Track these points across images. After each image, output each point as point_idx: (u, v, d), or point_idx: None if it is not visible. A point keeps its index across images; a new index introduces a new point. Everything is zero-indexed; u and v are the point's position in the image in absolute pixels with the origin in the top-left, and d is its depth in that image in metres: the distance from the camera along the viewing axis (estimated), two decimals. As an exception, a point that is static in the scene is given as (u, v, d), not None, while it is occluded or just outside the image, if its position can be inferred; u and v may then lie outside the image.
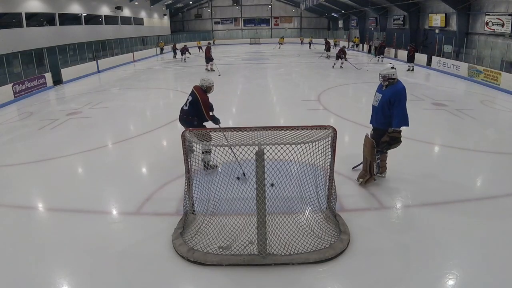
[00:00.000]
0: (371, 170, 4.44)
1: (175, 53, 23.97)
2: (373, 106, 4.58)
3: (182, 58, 21.75)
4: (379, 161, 4.61)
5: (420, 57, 18.02)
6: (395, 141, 4.41)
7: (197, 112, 4.92)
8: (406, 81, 13.28)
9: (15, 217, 4.13)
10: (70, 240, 3.59)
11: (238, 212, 3.60)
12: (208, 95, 5.06)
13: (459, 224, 3.76)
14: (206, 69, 16.23)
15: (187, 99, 5.07)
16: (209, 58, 16.05)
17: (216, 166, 4.48)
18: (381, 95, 4.42)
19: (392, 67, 4.36)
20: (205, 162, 4.52)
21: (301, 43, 37.10)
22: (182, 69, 18.21)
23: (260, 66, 18.02)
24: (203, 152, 4.57)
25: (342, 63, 16.91)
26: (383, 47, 20.10)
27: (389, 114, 4.31)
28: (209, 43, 17.61)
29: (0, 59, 12.43)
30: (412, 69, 16.00)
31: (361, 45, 27.97)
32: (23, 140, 7.17)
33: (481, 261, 3.17)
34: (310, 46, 31.81)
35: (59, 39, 18.96)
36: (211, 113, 5.03)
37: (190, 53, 23.03)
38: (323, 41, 26.49)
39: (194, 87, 5.07)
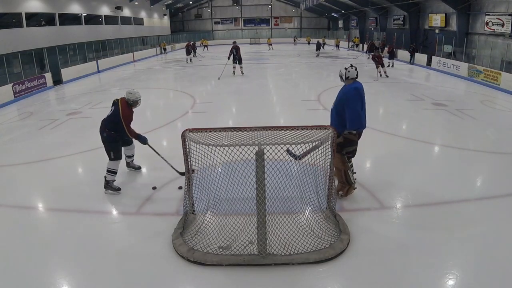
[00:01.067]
0: (348, 179, 4.13)
1: (193, 53, 22.81)
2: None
3: (187, 59, 20.92)
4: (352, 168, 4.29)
5: (420, 57, 18.02)
6: (349, 144, 4.04)
7: (115, 126, 4.55)
8: (407, 81, 13.33)
9: (15, 217, 4.14)
10: (70, 240, 3.59)
11: (238, 212, 3.60)
12: (133, 109, 4.72)
13: (459, 224, 3.76)
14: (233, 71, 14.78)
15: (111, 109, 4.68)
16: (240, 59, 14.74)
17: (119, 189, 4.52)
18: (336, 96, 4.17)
19: (346, 68, 4.07)
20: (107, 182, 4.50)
21: (308, 43, 34.98)
22: (182, 69, 18.21)
23: (260, 66, 18.02)
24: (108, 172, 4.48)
25: (384, 71, 13.80)
26: (391, 49, 17.49)
27: (344, 116, 3.98)
28: (234, 42, 15.41)
29: (0, 59, 12.43)
30: (392, 65, 16.35)
31: (361, 45, 27.80)
32: (23, 140, 7.16)
33: (481, 261, 3.17)
34: (322, 47, 28.57)
35: (59, 39, 18.95)
36: (134, 130, 4.69)
37: (195, 53, 22.49)
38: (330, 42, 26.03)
39: (120, 99, 4.69)
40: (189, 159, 3.48)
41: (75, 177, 5.32)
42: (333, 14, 35.35)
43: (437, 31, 19.40)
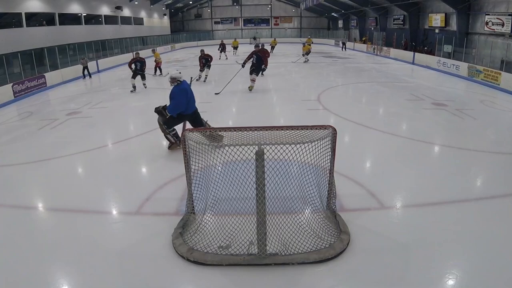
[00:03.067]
0: (169, 139, 5.92)
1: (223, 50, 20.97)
2: None
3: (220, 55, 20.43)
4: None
5: (420, 57, 18.03)
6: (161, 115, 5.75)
7: None
8: (407, 81, 13.33)
9: (15, 217, 4.13)
10: (70, 240, 3.59)
11: (238, 212, 3.60)
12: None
13: (459, 224, 3.76)
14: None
15: None
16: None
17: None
18: None
19: (178, 71, 5.62)
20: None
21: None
22: (182, 69, 18.16)
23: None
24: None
25: None
26: None
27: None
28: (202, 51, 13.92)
29: (0, 59, 12.43)
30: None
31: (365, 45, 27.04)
32: (23, 140, 7.16)
33: (481, 261, 3.17)
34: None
35: (59, 39, 18.96)
36: None
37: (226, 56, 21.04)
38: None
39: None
40: (189, 159, 3.48)
41: (75, 177, 5.32)
42: (333, 14, 35.37)
43: (437, 31, 19.42)
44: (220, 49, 21.17)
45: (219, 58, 20.35)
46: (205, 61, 13.10)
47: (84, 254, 3.35)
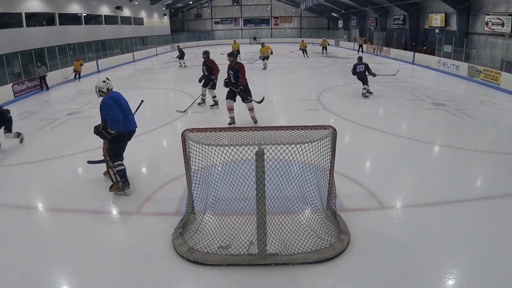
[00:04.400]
0: (110, 177, 4.60)
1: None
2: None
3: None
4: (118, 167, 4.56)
5: (420, 57, 18.03)
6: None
7: None
8: (407, 81, 13.32)
9: (15, 217, 4.14)
10: (70, 240, 3.59)
11: (238, 212, 3.60)
12: None
13: (459, 224, 3.76)
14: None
15: None
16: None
17: None
18: None
19: (104, 81, 4.57)
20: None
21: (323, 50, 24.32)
22: (182, 69, 18.20)
23: (260, 66, 17.98)
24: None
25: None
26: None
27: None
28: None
29: (0, 59, 12.43)
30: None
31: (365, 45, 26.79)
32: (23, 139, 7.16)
33: (481, 261, 3.17)
34: (360, 50, 24.42)
35: (59, 39, 18.96)
36: None
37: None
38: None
39: None
40: (189, 159, 3.48)
41: (75, 177, 5.32)
42: (333, 14, 35.38)
43: (437, 31, 19.42)
44: (178, 56, 18.75)
45: (179, 66, 18.59)
46: (206, 69, 8.79)
47: (84, 254, 3.35)
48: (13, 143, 6.98)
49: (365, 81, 9.95)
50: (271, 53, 16.43)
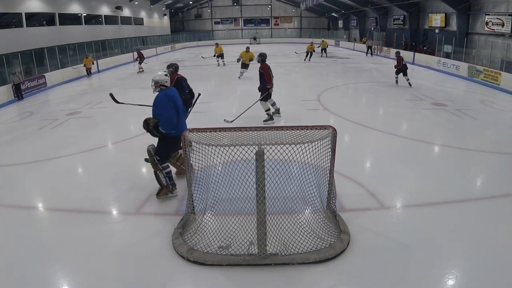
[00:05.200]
0: (159, 181, 4.33)
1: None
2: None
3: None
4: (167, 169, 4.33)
5: (420, 57, 18.03)
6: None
7: None
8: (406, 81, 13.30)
9: (15, 217, 4.14)
10: (70, 240, 3.59)
11: (238, 212, 3.60)
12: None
13: (459, 224, 3.76)
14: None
15: None
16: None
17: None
18: None
19: (166, 74, 4.32)
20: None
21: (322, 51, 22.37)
22: (182, 69, 18.16)
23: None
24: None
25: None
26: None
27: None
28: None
29: (0, 59, 12.43)
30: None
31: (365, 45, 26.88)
32: (23, 140, 7.17)
33: (481, 261, 3.17)
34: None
35: (59, 39, 18.97)
36: None
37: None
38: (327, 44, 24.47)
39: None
40: (189, 159, 3.48)
41: (75, 177, 5.32)
42: (333, 14, 35.38)
43: (437, 31, 19.42)
44: (137, 59, 17.18)
45: (138, 72, 16.99)
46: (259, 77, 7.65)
47: (84, 254, 3.35)
48: (13, 143, 6.98)
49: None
50: (251, 60, 13.06)
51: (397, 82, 12.27)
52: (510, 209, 4.05)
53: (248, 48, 13.88)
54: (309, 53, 19.82)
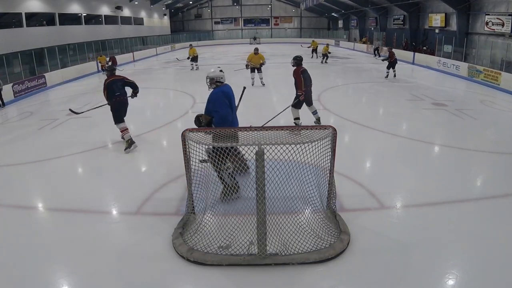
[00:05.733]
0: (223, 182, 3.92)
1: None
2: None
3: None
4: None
5: (420, 57, 18.03)
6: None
7: None
8: (407, 81, 13.32)
9: (15, 217, 4.13)
10: (70, 240, 3.59)
11: (238, 212, 3.60)
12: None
13: (459, 224, 3.76)
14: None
15: None
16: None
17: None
18: None
19: (221, 70, 4.25)
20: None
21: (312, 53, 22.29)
22: (182, 69, 18.21)
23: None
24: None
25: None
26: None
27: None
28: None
29: (0, 59, 12.43)
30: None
31: (365, 45, 27.06)
32: (23, 140, 7.16)
33: (481, 261, 3.17)
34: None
35: (59, 39, 18.97)
36: None
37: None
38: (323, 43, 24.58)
39: None
40: (189, 159, 3.48)
41: (75, 177, 5.32)
42: (333, 14, 35.38)
43: (437, 31, 19.42)
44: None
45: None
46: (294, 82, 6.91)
47: (84, 254, 3.35)
48: (13, 143, 6.98)
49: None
50: (262, 63, 11.67)
51: (387, 76, 13.38)
52: (510, 209, 4.05)
53: (257, 49, 11.54)
54: (325, 56, 19.07)
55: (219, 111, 3.92)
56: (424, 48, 20.10)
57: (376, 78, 13.84)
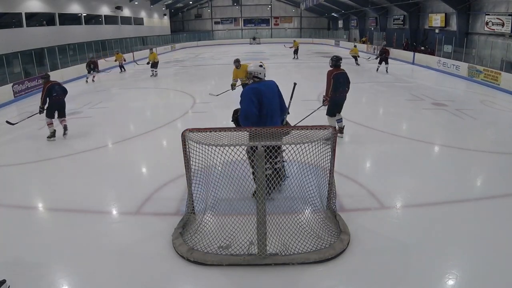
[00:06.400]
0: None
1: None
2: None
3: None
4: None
5: (420, 57, 18.03)
6: None
7: None
8: (407, 81, 13.32)
9: (14, 217, 4.13)
10: (70, 240, 3.59)
11: (238, 212, 3.60)
12: None
13: (459, 224, 3.76)
14: None
15: None
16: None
17: None
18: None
19: (260, 65, 4.07)
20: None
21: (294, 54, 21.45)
22: (182, 69, 18.21)
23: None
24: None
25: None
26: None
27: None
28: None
29: (0, 59, 12.43)
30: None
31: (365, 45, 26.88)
32: (23, 140, 7.16)
33: (481, 261, 3.17)
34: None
35: (59, 39, 18.97)
36: None
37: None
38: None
39: None
40: (189, 159, 3.48)
41: (75, 177, 5.31)
42: (333, 14, 35.37)
43: (437, 31, 19.42)
44: (90, 68, 14.63)
45: (86, 82, 14.70)
46: None
47: (84, 254, 3.35)
48: (13, 143, 6.98)
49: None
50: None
51: (377, 70, 14.95)
52: (510, 209, 4.05)
53: (237, 61, 8.50)
54: (355, 58, 17.97)
55: (242, 106, 3.82)
56: (423, 48, 20.09)
57: (376, 78, 13.84)
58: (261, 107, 3.78)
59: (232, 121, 4.21)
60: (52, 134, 7.00)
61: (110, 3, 25.88)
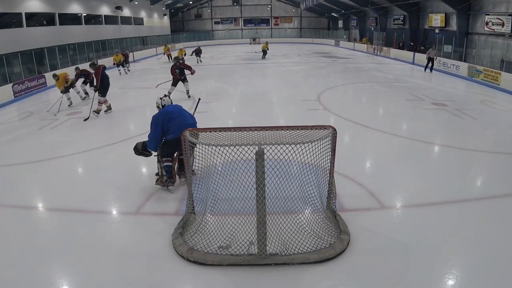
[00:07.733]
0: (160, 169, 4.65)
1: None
2: None
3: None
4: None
5: (420, 57, 18.02)
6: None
7: None
8: (407, 81, 13.32)
9: (15, 217, 4.13)
10: (70, 240, 3.59)
11: (238, 212, 3.60)
12: None
13: (459, 224, 3.76)
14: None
15: None
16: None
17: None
18: None
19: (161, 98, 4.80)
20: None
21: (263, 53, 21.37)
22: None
23: (260, 66, 18.02)
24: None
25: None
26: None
27: None
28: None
29: (0, 59, 12.43)
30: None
31: (365, 45, 26.74)
32: (23, 140, 7.16)
33: (481, 261, 3.17)
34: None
35: (59, 39, 18.96)
36: None
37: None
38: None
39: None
40: (189, 159, 3.48)
41: (75, 177, 5.32)
42: (333, 14, 35.37)
43: (437, 31, 19.42)
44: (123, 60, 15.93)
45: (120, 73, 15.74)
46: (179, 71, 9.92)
47: (84, 254, 3.35)
48: (13, 143, 6.98)
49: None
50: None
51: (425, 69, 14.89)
52: (510, 209, 4.05)
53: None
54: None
55: (149, 133, 4.50)
56: (422, 48, 20.08)
57: (376, 78, 13.85)
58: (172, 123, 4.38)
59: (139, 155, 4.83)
60: (109, 107, 8.71)
61: (110, 3, 25.87)
